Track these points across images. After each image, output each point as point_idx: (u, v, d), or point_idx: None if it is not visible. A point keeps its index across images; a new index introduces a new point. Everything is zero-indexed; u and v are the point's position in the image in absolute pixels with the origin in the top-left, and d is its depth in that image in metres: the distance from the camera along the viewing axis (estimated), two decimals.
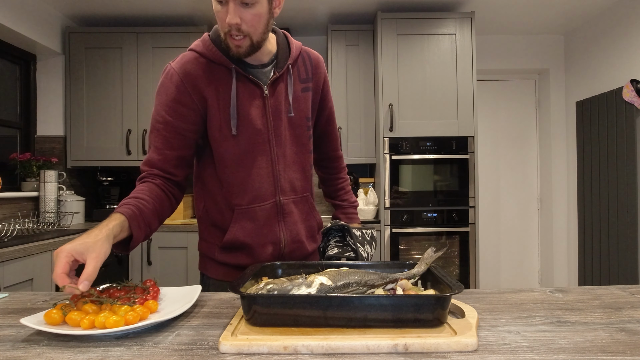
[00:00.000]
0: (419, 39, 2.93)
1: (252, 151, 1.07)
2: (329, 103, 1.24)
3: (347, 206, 1.34)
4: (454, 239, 2.90)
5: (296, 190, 1.14)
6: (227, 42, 0.99)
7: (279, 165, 1.10)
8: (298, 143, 1.13)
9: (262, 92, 1.07)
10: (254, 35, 0.98)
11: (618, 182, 2.89)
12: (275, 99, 1.08)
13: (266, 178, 1.09)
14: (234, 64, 1.04)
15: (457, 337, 0.64)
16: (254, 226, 1.09)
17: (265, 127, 1.07)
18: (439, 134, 2.90)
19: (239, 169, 1.07)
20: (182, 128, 1.04)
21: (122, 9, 3.01)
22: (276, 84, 1.09)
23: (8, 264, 1.78)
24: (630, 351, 0.62)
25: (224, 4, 0.95)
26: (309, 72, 1.15)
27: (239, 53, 1.00)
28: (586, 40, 3.28)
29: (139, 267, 2.79)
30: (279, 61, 1.10)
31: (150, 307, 0.79)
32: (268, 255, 1.11)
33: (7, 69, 2.85)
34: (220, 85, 1.05)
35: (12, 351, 0.64)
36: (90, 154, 3.04)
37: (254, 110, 1.06)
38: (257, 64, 1.08)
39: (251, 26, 0.96)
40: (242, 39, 0.98)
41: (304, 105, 1.13)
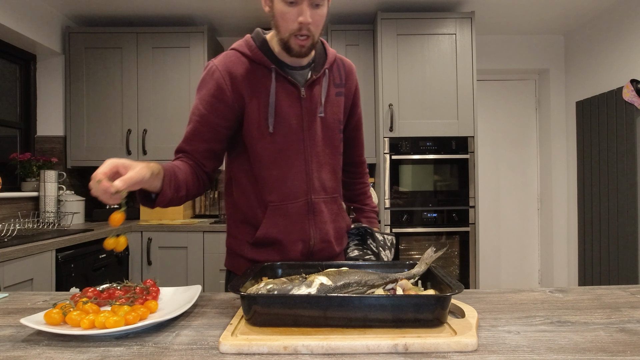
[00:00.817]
0: (419, 39, 2.93)
1: (287, 149, 1.11)
2: (359, 109, 1.29)
3: (368, 210, 1.36)
4: (454, 239, 2.90)
5: (327, 191, 1.17)
6: (290, 42, 1.04)
7: (312, 164, 1.13)
8: (330, 145, 1.17)
9: (299, 93, 1.11)
10: (316, 35, 1.04)
11: (618, 182, 2.89)
12: (310, 100, 1.13)
13: (299, 176, 1.12)
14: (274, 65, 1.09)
15: (457, 337, 0.64)
16: (286, 223, 1.12)
17: (301, 126, 1.12)
18: (439, 134, 2.90)
19: (274, 166, 1.10)
20: (215, 123, 1.08)
21: (122, 9, 3.01)
22: (312, 86, 1.13)
23: (8, 264, 1.78)
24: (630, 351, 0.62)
25: (295, 4, 0.99)
26: (342, 78, 1.20)
27: (300, 52, 1.05)
28: (586, 40, 3.28)
29: (139, 267, 2.79)
30: (316, 65, 1.15)
31: (150, 307, 0.79)
32: (297, 253, 1.13)
33: (7, 69, 2.85)
34: (260, 85, 1.09)
35: (12, 351, 0.64)
36: (90, 154, 3.04)
37: (290, 110, 1.10)
38: (296, 65, 1.13)
39: (316, 27, 1.03)
40: (306, 39, 1.03)
41: (337, 108, 1.18)
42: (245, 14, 3.08)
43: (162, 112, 3.06)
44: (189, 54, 3.06)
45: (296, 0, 0.98)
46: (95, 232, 2.41)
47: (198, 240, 2.78)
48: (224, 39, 3.51)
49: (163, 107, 3.06)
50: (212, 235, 2.78)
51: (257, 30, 1.14)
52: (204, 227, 2.78)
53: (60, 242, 2.09)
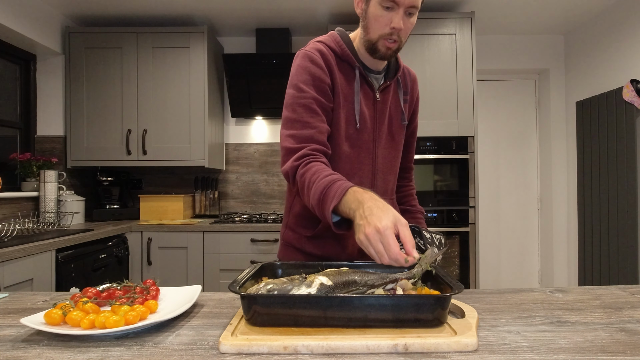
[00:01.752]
0: (419, 39, 2.93)
1: (360, 147, 1.15)
2: (417, 117, 1.34)
3: (416, 211, 1.39)
4: (454, 239, 2.90)
5: (387, 192, 1.22)
6: (378, 44, 1.07)
7: (378, 165, 1.18)
8: (396, 148, 1.23)
9: (374, 96, 1.16)
10: (403, 41, 1.08)
11: (618, 182, 2.89)
12: (382, 104, 1.17)
13: (366, 175, 1.16)
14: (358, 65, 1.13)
15: (457, 337, 0.64)
16: None
17: (372, 127, 1.16)
18: (439, 134, 2.90)
19: (346, 161, 1.13)
20: (326, 104, 1.09)
21: (122, 9, 3.01)
22: (385, 91, 1.18)
23: (8, 264, 1.78)
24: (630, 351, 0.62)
25: (391, 9, 1.02)
26: (407, 87, 1.26)
27: (385, 55, 1.08)
28: (586, 40, 3.28)
29: (139, 267, 2.79)
30: (389, 71, 1.20)
31: (150, 307, 0.79)
32: (356, 248, 1.15)
33: (7, 69, 2.85)
34: (344, 79, 1.12)
35: (12, 351, 0.64)
36: (90, 154, 3.05)
37: (367, 110, 1.15)
38: (374, 69, 1.17)
39: (405, 33, 1.06)
40: (393, 43, 1.06)
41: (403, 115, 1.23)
42: (245, 14, 3.08)
43: (162, 112, 3.06)
44: (189, 54, 3.06)
45: (393, 6, 1.01)
46: (95, 232, 2.41)
47: (198, 240, 2.78)
48: (224, 39, 3.51)
49: (163, 107, 3.06)
50: (212, 235, 2.78)
51: (340, 29, 1.18)
52: (204, 227, 2.78)
53: (60, 242, 2.09)
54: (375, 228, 0.78)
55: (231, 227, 2.80)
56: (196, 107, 3.05)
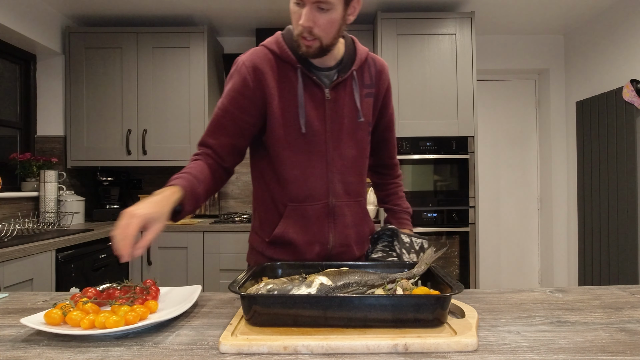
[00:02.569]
0: (419, 39, 2.93)
1: (310, 151, 1.09)
2: (390, 110, 1.25)
3: (399, 211, 1.33)
4: (454, 239, 2.90)
5: (350, 194, 1.15)
6: (299, 41, 1.03)
7: (334, 167, 1.11)
8: (358, 147, 1.15)
9: (323, 95, 1.10)
10: (325, 39, 1.01)
11: (618, 182, 2.89)
12: (336, 102, 1.11)
13: (319, 179, 1.11)
14: (301, 64, 1.08)
15: (457, 337, 0.64)
16: (304, 224, 1.11)
17: (323, 128, 1.10)
18: (439, 134, 2.90)
19: (296, 167, 1.10)
20: (240, 119, 1.08)
21: (122, 9, 3.01)
22: (338, 88, 1.11)
23: (8, 264, 1.78)
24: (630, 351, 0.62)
25: (300, 5, 0.98)
26: (372, 78, 1.17)
27: (307, 53, 1.03)
28: (586, 40, 3.28)
29: (139, 267, 2.79)
30: (343, 66, 1.12)
31: (150, 307, 0.79)
32: (314, 255, 1.13)
33: (7, 69, 2.85)
34: (285, 83, 1.08)
35: (12, 351, 0.64)
36: (90, 154, 3.04)
37: (314, 111, 1.09)
38: (323, 66, 1.11)
39: (323, 30, 0.99)
40: (312, 41, 1.01)
41: (366, 110, 1.16)
42: (245, 14, 3.08)
43: (162, 112, 3.06)
44: (189, 54, 3.06)
45: (300, 2, 0.98)
46: (95, 232, 2.41)
47: (198, 240, 2.78)
48: (224, 39, 3.51)
49: (163, 107, 3.06)
50: (212, 235, 2.78)
51: (288, 28, 1.12)
52: (204, 227, 2.78)
53: (60, 242, 2.09)
54: (130, 212, 0.83)
55: (231, 227, 2.80)
56: (196, 107, 3.05)
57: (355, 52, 1.14)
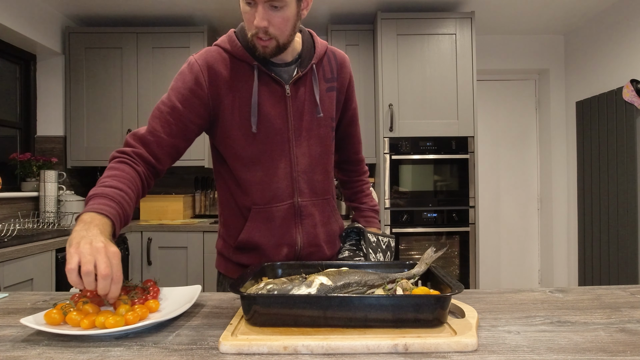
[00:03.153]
0: (419, 39, 2.93)
1: (271, 151, 1.05)
2: (353, 104, 1.21)
3: (366, 209, 1.30)
4: (454, 239, 2.90)
5: (317, 193, 1.12)
6: (254, 42, 0.99)
7: (299, 166, 1.08)
8: (322, 144, 1.11)
9: (284, 91, 1.05)
10: (281, 37, 0.98)
11: (618, 182, 2.89)
12: (297, 98, 1.07)
13: (284, 178, 1.07)
14: (257, 62, 1.03)
15: (457, 337, 0.64)
16: (270, 227, 1.08)
17: (286, 126, 1.06)
18: (439, 134, 2.90)
19: (257, 168, 1.05)
20: (187, 118, 1.02)
21: (122, 9, 3.01)
22: (299, 83, 1.07)
23: (8, 264, 1.78)
24: (630, 351, 0.62)
25: (252, 5, 0.94)
26: (334, 72, 1.13)
27: (264, 53, 1.00)
28: (586, 40, 3.28)
29: (139, 267, 2.79)
30: (302, 60, 1.08)
31: (150, 307, 0.79)
32: (283, 257, 1.09)
33: (7, 69, 2.85)
34: (241, 82, 1.04)
35: (12, 351, 0.64)
36: (90, 154, 3.04)
37: (274, 109, 1.05)
38: (280, 62, 1.06)
39: (278, 29, 0.96)
40: (268, 41, 0.97)
41: (329, 105, 1.12)
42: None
43: None
44: (189, 54, 3.04)
45: (252, 1, 0.94)
46: None
47: (198, 240, 2.78)
48: None
49: None
50: (212, 235, 2.78)
51: (241, 25, 1.06)
52: (204, 227, 2.78)
53: (60, 242, 2.09)
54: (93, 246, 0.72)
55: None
56: None
57: (314, 46, 1.10)
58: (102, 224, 0.79)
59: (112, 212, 0.83)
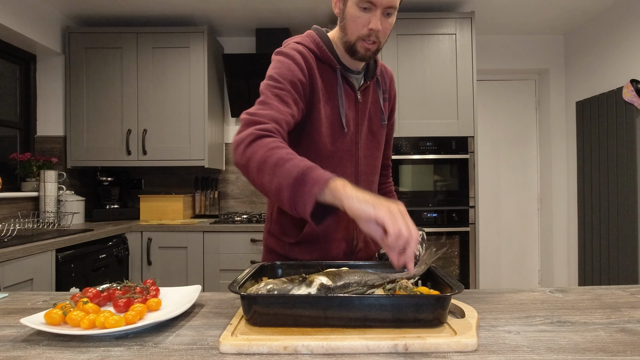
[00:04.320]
0: (419, 39, 2.93)
1: (342, 150, 1.12)
2: (394, 114, 1.32)
3: None
4: (454, 239, 2.90)
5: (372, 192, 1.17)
6: (357, 45, 1.05)
7: (360, 167, 1.15)
8: (377, 148, 1.20)
9: (356, 97, 1.14)
10: (382, 42, 1.06)
11: (618, 182, 2.89)
12: (364, 104, 1.15)
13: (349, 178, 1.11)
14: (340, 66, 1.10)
15: (457, 337, 0.64)
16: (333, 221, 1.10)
17: (355, 129, 1.14)
18: (439, 134, 2.90)
19: (329, 165, 1.10)
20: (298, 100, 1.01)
21: (122, 9, 3.01)
22: (365, 91, 1.16)
23: (8, 264, 1.78)
24: (630, 351, 0.62)
25: (368, 10, 1.00)
26: (386, 85, 1.24)
27: (364, 56, 1.06)
28: (586, 40, 3.28)
29: (139, 267, 2.79)
30: (368, 71, 1.17)
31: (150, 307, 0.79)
32: (340, 252, 1.15)
33: (7, 69, 2.85)
34: (326, 81, 1.09)
35: (12, 351, 0.64)
36: (90, 154, 3.04)
37: (349, 112, 1.12)
38: (354, 70, 1.14)
39: (384, 34, 1.04)
40: (373, 44, 1.04)
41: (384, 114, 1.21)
42: (245, 14, 3.08)
43: (162, 112, 3.06)
44: (189, 54, 3.06)
45: (370, 7, 0.99)
46: (95, 232, 2.41)
47: (198, 240, 2.78)
48: (224, 39, 3.51)
49: (163, 107, 3.06)
50: (212, 235, 2.78)
51: (317, 28, 1.14)
52: (204, 227, 2.78)
53: (60, 242, 2.09)
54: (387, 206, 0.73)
55: (231, 227, 2.79)
56: (196, 107, 3.05)
57: (376, 60, 1.20)
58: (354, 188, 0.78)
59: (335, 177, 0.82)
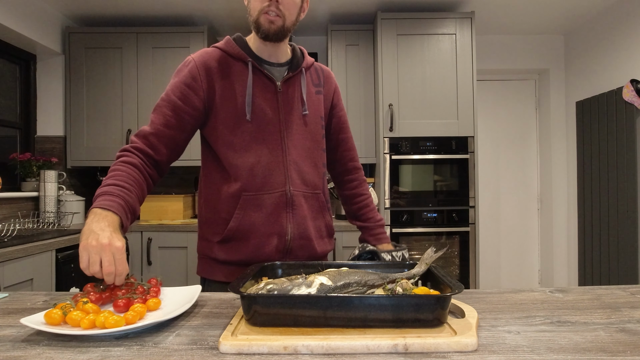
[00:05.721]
0: (419, 39, 2.93)
1: (263, 139, 1.11)
2: (341, 111, 1.31)
3: (373, 226, 1.29)
4: (454, 239, 2.90)
5: (307, 184, 1.15)
6: (260, 19, 1.07)
7: (290, 156, 1.13)
8: (312, 139, 1.18)
9: (275, 88, 1.14)
10: (288, 18, 1.08)
11: (618, 182, 2.89)
12: (287, 95, 1.15)
13: (276, 166, 1.11)
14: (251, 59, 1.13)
15: (457, 337, 0.64)
16: (261, 215, 1.09)
17: (277, 118, 1.13)
18: (439, 134, 2.90)
19: (248, 154, 1.10)
20: (182, 109, 1.09)
21: (122, 9, 3.01)
22: (289, 83, 1.16)
23: (8, 264, 1.78)
24: (630, 351, 0.62)
25: None
26: (320, 80, 1.25)
27: (269, 30, 1.07)
28: (586, 40, 3.28)
29: (139, 267, 2.79)
30: (293, 64, 1.18)
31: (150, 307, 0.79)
32: (272, 248, 1.10)
33: (7, 69, 2.85)
34: (236, 77, 1.12)
35: (12, 351, 0.64)
36: (90, 154, 3.04)
37: (266, 102, 1.12)
38: (274, 61, 1.16)
39: (287, 9, 1.06)
40: (276, 17, 1.06)
41: (317, 105, 1.21)
42: (245, 14, 3.07)
43: None
44: (189, 54, 3.02)
45: None
46: None
47: None
48: None
49: None
50: None
51: (237, 34, 1.19)
52: None
53: (60, 242, 2.09)
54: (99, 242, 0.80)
55: None
56: None
57: (303, 57, 1.22)
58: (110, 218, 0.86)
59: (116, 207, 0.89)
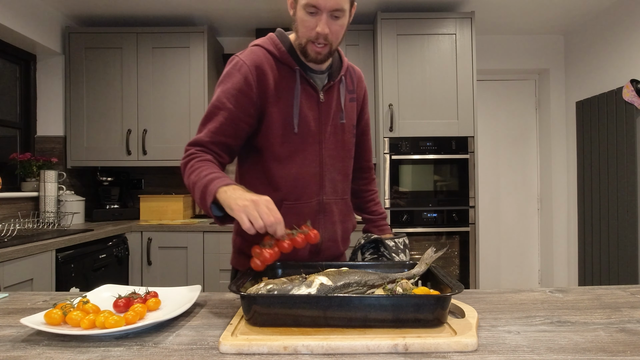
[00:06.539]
0: (419, 39, 2.93)
1: (304, 150, 1.13)
2: (366, 115, 1.33)
3: (377, 219, 1.37)
4: (454, 239, 2.90)
5: (337, 192, 1.21)
6: (307, 48, 1.07)
7: (325, 166, 1.16)
8: (344, 148, 1.21)
9: (318, 97, 1.15)
10: (334, 44, 1.08)
11: (618, 182, 2.89)
12: (327, 104, 1.16)
13: (313, 177, 1.15)
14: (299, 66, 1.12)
15: (457, 337, 0.64)
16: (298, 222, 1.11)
17: (318, 129, 1.15)
18: (439, 134, 2.90)
19: (290, 165, 1.12)
20: (238, 118, 1.08)
21: (122, 9, 3.01)
22: (330, 92, 1.17)
23: (8, 264, 1.78)
24: (630, 351, 0.62)
25: (315, 14, 1.03)
26: (354, 84, 1.25)
27: (316, 59, 1.09)
28: (586, 40, 3.28)
29: (139, 267, 2.79)
30: (333, 71, 1.19)
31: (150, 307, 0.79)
32: (306, 251, 1.15)
33: (7, 69, 2.85)
34: (284, 84, 1.11)
35: (12, 351, 0.64)
36: (90, 154, 3.04)
37: (310, 112, 1.13)
38: (317, 69, 1.16)
39: (334, 36, 1.06)
40: (323, 47, 1.06)
41: (351, 113, 1.23)
42: (245, 14, 3.08)
43: (162, 112, 3.06)
44: (189, 54, 3.05)
45: (316, 11, 1.02)
46: (95, 232, 2.41)
47: (198, 240, 2.78)
48: (224, 39, 3.51)
49: (163, 107, 3.06)
50: (212, 235, 2.78)
51: (280, 30, 1.17)
52: (204, 227, 2.78)
53: (60, 242, 2.09)
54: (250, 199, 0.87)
55: (231, 227, 2.78)
56: (196, 107, 3.05)
57: (341, 60, 1.21)
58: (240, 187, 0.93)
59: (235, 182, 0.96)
